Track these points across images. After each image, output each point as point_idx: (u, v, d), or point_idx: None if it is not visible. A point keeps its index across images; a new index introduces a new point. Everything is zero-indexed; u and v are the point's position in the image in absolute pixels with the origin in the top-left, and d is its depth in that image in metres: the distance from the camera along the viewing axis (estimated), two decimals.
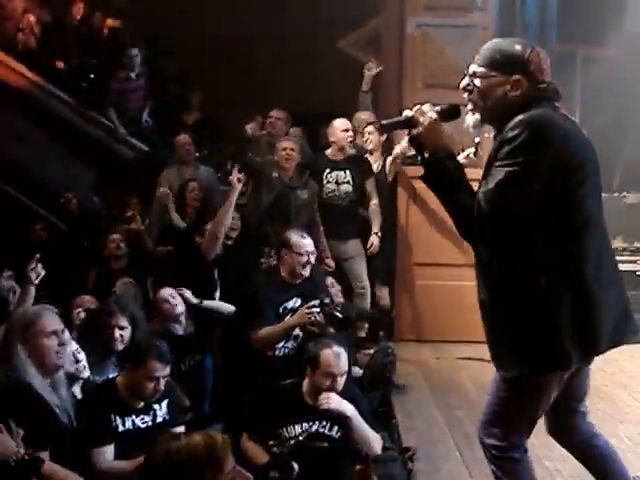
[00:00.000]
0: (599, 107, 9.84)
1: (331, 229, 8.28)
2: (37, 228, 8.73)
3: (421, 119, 3.65)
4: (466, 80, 3.76)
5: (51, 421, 4.03)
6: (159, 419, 4.85)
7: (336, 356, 5.20)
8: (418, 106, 3.73)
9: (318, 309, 6.01)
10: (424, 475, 5.44)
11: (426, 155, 3.68)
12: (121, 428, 4.72)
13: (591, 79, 9.97)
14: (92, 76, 10.58)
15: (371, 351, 7.69)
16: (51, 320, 4.30)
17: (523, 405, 3.76)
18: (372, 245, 8.36)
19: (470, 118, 3.74)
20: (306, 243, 6.36)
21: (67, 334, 4.51)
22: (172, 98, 11.39)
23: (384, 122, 4.03)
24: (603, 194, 3.76)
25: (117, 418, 4.72)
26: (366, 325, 8.40)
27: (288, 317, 6.17)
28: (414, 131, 3.70)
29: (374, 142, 8.63)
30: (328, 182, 8.38)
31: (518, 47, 3.68)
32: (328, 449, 5.15)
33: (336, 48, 10.66)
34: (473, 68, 3.73)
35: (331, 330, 6.12)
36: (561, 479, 5.27)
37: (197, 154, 9.37)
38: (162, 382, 4.78)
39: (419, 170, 3.74)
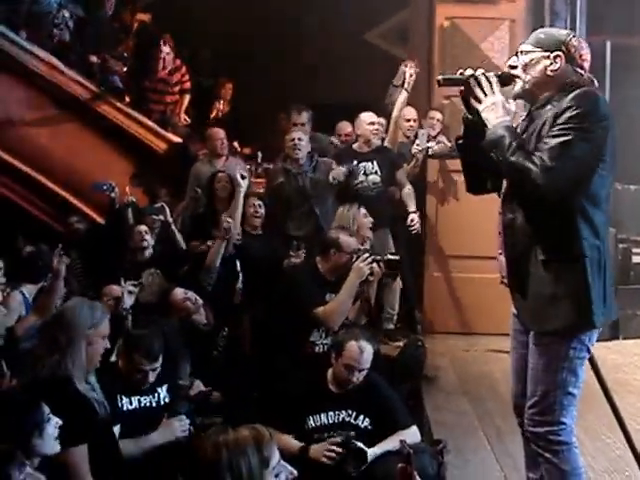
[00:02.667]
0: (629, 97, 9.81)
1: None
2: (72, 221, 8.74)
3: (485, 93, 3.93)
4: (513, 58, 4.09)
5: (92, 415, 4.07)
6: (162, 402, 5.00)
7: (360, 350, 5.19)
8: (470, 70, 4.03)
9: (371, 259, 6.06)
10: (454, 468, 5.45)
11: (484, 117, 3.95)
12: (128, 407, 4.87)
13: (621, 69, 9.94)
14: (125, 69, 10.60)
15: (401, 343, 7.73)
16: (107, 325, 4.37)
17: (564, 375, 3.91)
18: (413, 221, 8.36)
19: (515, 88, 4.06)
20: (353, 242, 6.39)
21: None
22: (203, 91, 11.42)
23: (443, 77, 4.26)
24: (633, 186, 3.93)
25: (123, 398, 4.86)
26: (395, 317, 8.43)
27: None
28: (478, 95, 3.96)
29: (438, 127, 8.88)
30: (357, 173, 8.40)
31: (562, 32, 4.13)
32: (355, 439, 5.16)
33: (364, 40, 10.68)
34: (521, 47, 4.07)
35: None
36: (593, 474, 5.27)
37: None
38: (151, 374, 4.93)
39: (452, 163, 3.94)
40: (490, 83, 3.96)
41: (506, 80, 4.06)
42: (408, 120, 8.85)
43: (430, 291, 9.05)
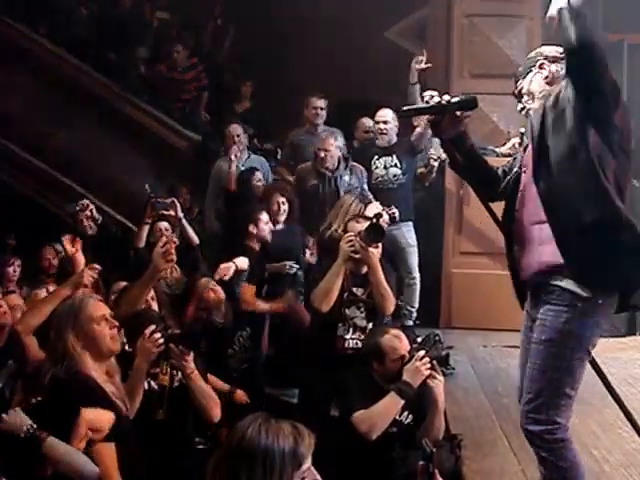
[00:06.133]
0: None
1: None
2: (81, 217, 8.70)
3: None
4: (520, 105, 4.25)
5: (112, 411, 4.04)
6: (176, 383, 4.99)
7: (397, 338, 5.30)
8: (436, 97, 4.09)
9: (353, 237, 5.94)
10: (472, 462, 5.49)
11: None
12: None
13: (638, 67, 9.95)
14: (142, 68, 10.68)
15: (418, 339, 7.77)
16: (97, 306, 4.32)
17: (559, 374, 3.95)
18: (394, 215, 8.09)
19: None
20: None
21: None
22: (224, 87, 11.48)
23: (405, 108, 4.31)
24: None
25: None
26: (414, 314, 8.47)
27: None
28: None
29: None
30: (377, 167, 8.46)
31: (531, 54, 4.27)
32: (396, 434, 5.23)
33: (384, 37, 10.70)
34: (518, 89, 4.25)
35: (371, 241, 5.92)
36: (609, 467, 5.30)
37: (248, 144, 9.41)
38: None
39: None
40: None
41: (470, 104, 4.11)
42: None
43: (448, 287, 9.10)
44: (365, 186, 8.24)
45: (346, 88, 9.07)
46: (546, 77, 4.11)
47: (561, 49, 4.07)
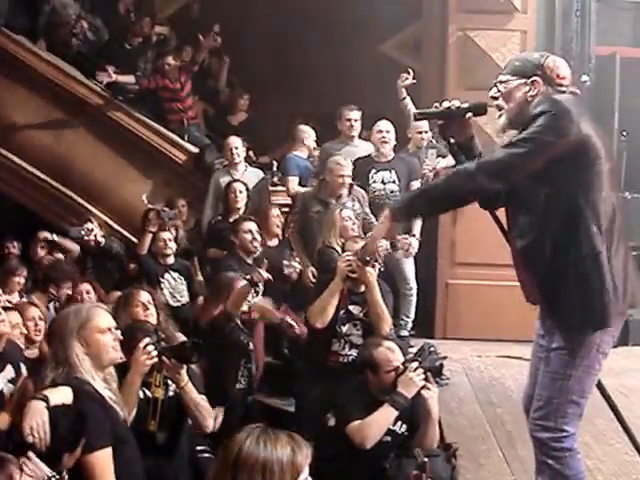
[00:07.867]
0: (639, 109, 9.90)
1: None
2: (83, 232, 8.71)
3: None
4: (494, 89, 4.16)
5: (112, 416, 4.11)
6: (171, 393, 5.02)
7: (390, 350, 5.37)
8: (446, 102, 4.26)
9: (351, 257, 6.07)
10: (466, 471, 5.55)
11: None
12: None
13: (630, 81, 10.01)
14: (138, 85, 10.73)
15: (414, 349, 7.83)
16: (105, 317, 4.35)
17: (570, 383, 3.98)
18: (410, 246, 8.03)
19: (501, 120, 4.16)
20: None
21: None
22: (221, 100, 11.54)
23: (418, 111, 4.50)
24: None
25: None
26: (410, 324, 8.52)
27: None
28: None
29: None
30: (374, 182, 8.47)
31: (535, 55, 4.18)
32: (390, 444, 5.29)
33: (378, 51, 10.79)
34: (499, 77, 4.15)
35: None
36: (602, 477, 5.37)
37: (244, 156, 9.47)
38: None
39: None
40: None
41: (479, 110, 4.20)
42: (420, 132, 8.92)
43: (443, 298, 9.16)
44: (367, 209, 8.19)
45: (340, 102, 9.11)
46: (532, 96, 4.02)
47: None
